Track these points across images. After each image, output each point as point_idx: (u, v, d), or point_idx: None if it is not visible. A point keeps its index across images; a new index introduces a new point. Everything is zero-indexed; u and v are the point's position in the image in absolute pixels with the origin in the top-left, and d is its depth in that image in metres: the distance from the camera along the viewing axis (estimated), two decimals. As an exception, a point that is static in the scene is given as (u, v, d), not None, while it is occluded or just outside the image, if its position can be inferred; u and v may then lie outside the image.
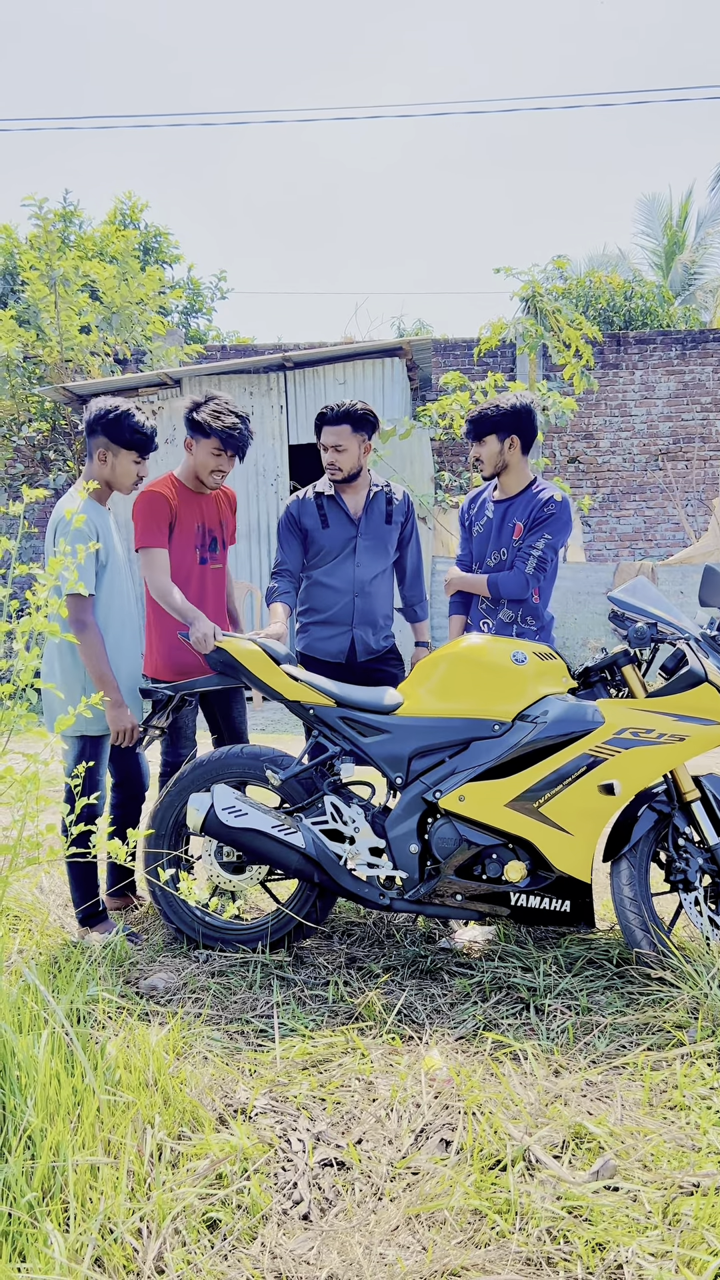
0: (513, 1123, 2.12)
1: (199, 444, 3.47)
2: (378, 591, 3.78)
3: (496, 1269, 1.71)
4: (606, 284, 14.88)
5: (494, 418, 3.59)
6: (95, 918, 3.21)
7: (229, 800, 3.01)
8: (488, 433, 3.62)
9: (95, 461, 3.23)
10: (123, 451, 3.21)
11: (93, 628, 3.08)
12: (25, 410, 11.87)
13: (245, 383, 10.56)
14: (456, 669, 3.10)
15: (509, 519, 3.64)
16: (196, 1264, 1.72)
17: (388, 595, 3.85)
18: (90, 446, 3.24)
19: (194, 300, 18.90)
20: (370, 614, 3.74)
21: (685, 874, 2.93)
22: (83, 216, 17.85)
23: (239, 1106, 2.21)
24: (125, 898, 3.56)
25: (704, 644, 3.00)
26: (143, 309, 12.67)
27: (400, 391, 10.50)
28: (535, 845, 2.92)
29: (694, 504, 12.64)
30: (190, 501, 3.54)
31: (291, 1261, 1.75)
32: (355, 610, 3.71)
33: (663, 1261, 1.70)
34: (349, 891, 3.03)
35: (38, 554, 12.33)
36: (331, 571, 3.72)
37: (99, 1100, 1.99)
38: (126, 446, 3.20)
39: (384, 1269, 1.72)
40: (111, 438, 3.18)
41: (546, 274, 10.31)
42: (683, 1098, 2.21)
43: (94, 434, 3.20)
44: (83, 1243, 1.71)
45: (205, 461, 3.47)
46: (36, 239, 12.02)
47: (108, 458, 3.21)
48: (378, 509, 3.75)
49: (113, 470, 3.23)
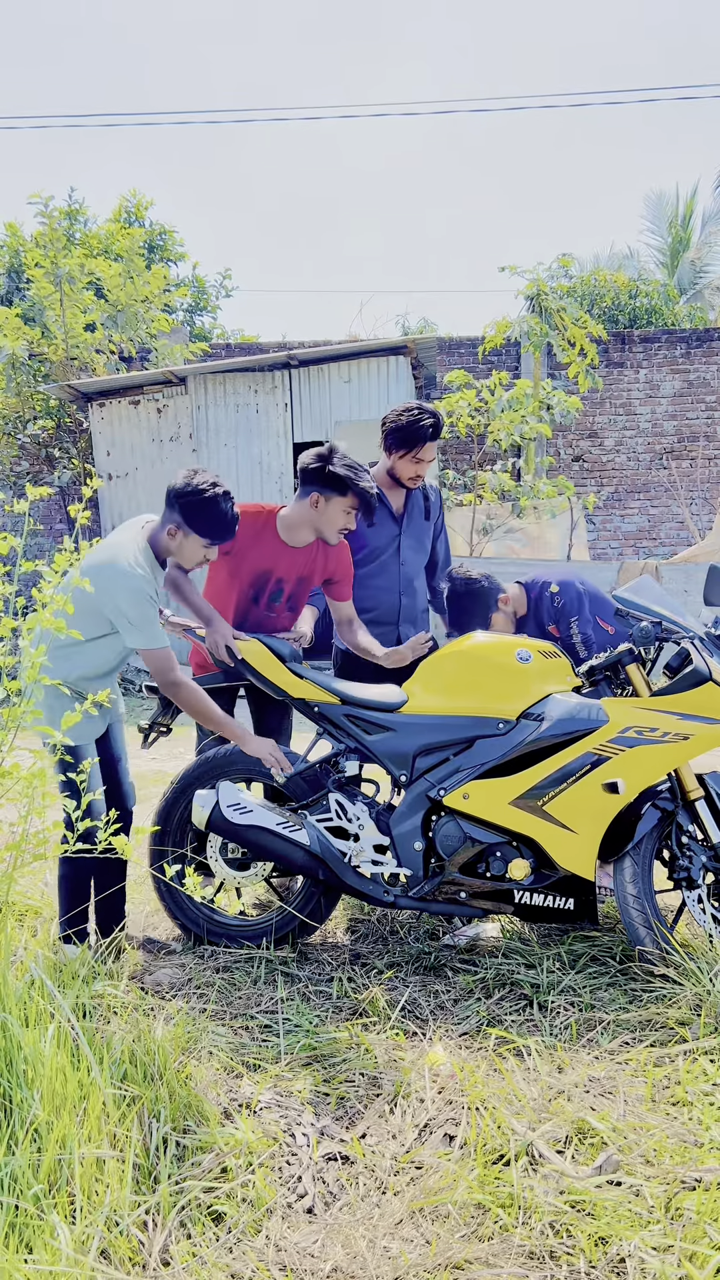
0: (516, 1118, 2.13)
1: (330, 500, 3.21)
2: (420, 588, 3.82)
3: (500, 1263, 1.72)
4: (611, 282, 14.86)
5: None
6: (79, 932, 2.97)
7: (234, 797, 3.02)
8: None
9: (164, 534, 2.91)
10: (194, 535, 2.91)
11: (186, 683, 2.89)
12: (30, 408, 11.88)
13: (250, 380, 10.57)
14: (461, 667, 3.11)
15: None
16: (202, 1256, 1.73)
17: (424, 590, 3.88)
18: (165, 515, 2.94)
19: (199, 298, 18.90)
20: (413, 610, 3.77)
21: (688, 871, 2.94)
22: (88, 214, 17.85)
23: (244, 1101, 2.22)
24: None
25: (708, 643, 3.01)
26: (148, 307, 12.68)
27: (405, 390, 10.50)
28: (539, 843, 2.93)
29: (698, 503, 12.62)
30: (270, 547, 3.31)
31: (296, 1254, 1.76)
32: (401, 608, 3.72)
33: (665, 1256, 1.71)
34: (353, 888, 3.04)
35: (41, 551, 12.36)
36: (378, 570, 3.67)
37: (105, 1094, 2.00)
38: (200, 534, 2.91)
39: (388, 1262, 1.74)
40: (187, 519, 2.88)
41: (551, 272, 10.30)
42: (685, 1094, 2.22)
43: (171, 505, 2.89)
44: (89, 1235, 1.72)
45: (336, 519, 3.23)
46: (42, 236, 12.03)
47: (177, 535, 2.90)
48: (417, 505, 3.76)
49: (179, 549, 2.93)
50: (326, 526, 3.27)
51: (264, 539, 3.32)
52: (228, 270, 21.29)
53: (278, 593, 3.41)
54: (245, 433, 10.66)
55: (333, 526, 3.26)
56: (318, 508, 3.24)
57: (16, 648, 2.37)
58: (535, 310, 10.30)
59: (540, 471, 11.00)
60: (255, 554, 3.32)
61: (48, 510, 12.50)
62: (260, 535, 3.31)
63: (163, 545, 2.95)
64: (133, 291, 12.45)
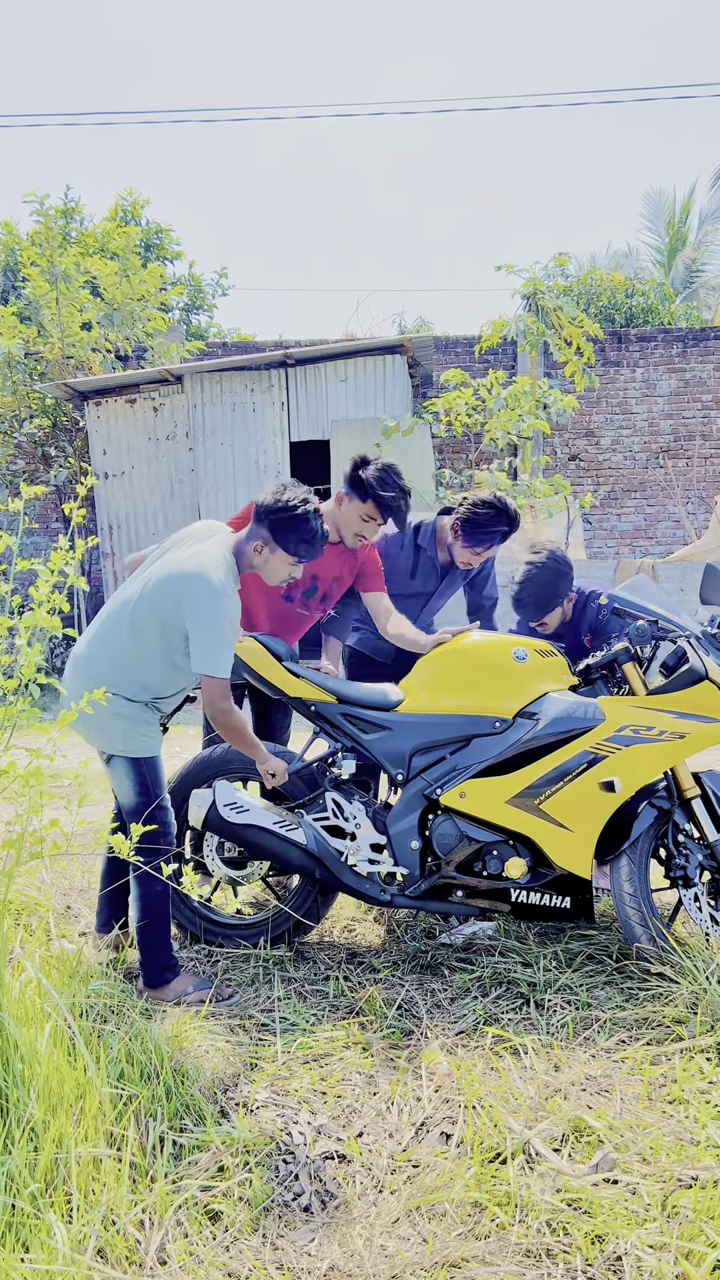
0: (513, 1116, 2.13)
1: (351, 502, 3.30)
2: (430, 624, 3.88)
3: (496, 1261, 1.72)
4: (608, 281, 14.87)
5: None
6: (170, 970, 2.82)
7: (231, 796, 3.02)
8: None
9: (251, 548, 2.81)
10: (281, 552, 2.81)
11: (233, 710, 2.77)
12: (26, 407, 11.86)
13: (247, 379, 10.56)
14: (458, 666, 3.11)
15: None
16: (199, 1255, 1.73)
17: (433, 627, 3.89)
18: (252, 530, 2.83)
19: (195, 297, 18.89)
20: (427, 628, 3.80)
21: (685, 870, 2.95)
22: (84, 213, 17.85)
23: (241, 1100, 2.22)
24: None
25: (704, 641, 3.01)
26: (144, 305, 12.66)
27: (401, 388, 10.50)
28: (536, 842, 2.93)
29: (695, 502, 12.64)
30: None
31: (293, 1253, 1.76)
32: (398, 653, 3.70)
33: (661, 1253, 1.71)
34: (350, 887, 3.04)
35: (38, 550, 12.34)
36: (401, 602, 3.66)
37: (102, 1093, 2.00)
38: (289, 551, 2.81)
39: (385, 1260, 1.74)
40: (276, 536, 2.78)
41: (548, 271, 10.30)
42: (681, 1092, 2.23)
43: (260, 521, 2.80)
44: (85, 1234, 1.72)
45: (351, 522, 3.31)
46: (38, 235, 12.01)
47: (264, 551, 2.81)
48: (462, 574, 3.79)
49: (265, 565, 2.84)
50: (344, 527, 3.34)
51: None
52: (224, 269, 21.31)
53: (311, 589, 3.45)
54: (242, 431, 10.66)
55: (349, 529, 3.33)
56: (340, 506, 3.34)
57: (13, 646, 2.37)
58: (532, 309, 10.30)
59: (537, 470, 10.99)
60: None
61: (44, 509, 12.49)
62: None
63: (247, 560, 2.83)
64: (129, 290, 12.43)
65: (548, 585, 3.43)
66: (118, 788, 2.81)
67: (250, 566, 2.85)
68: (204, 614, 2.63)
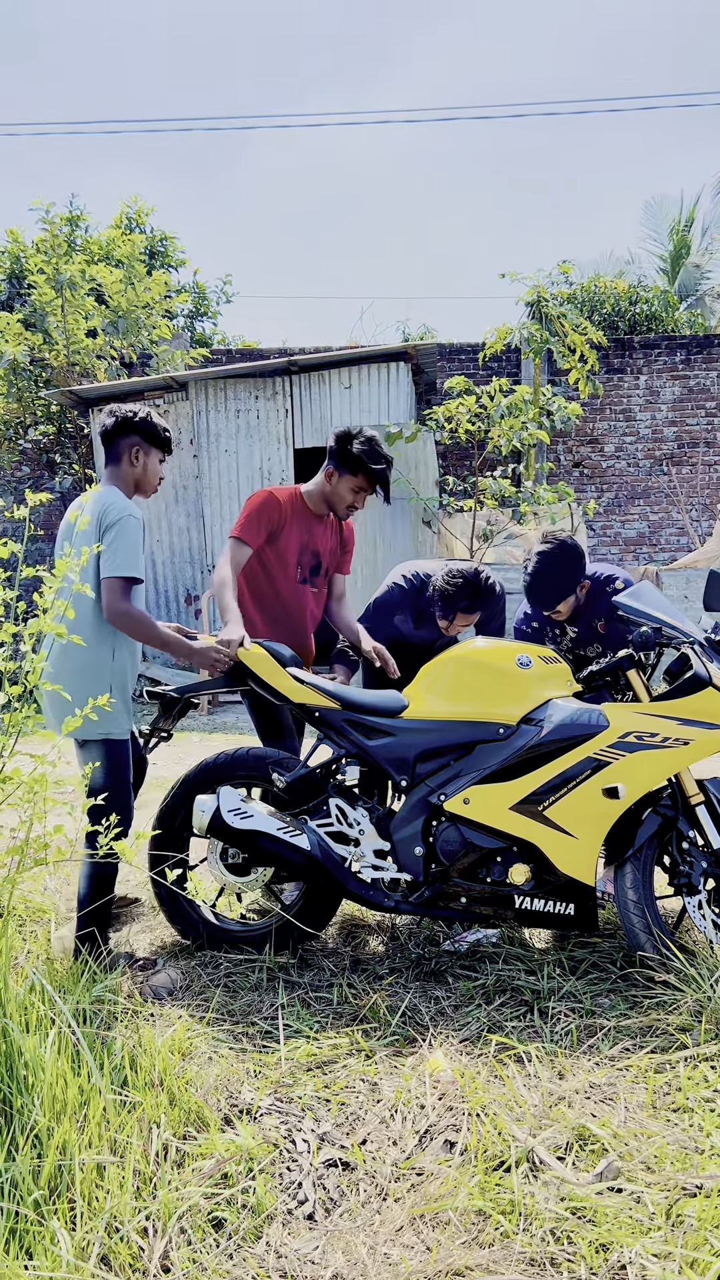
0: (517, 1124, 2.12)
1: (342, 477, 3.42)
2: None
3: (500, 1269, 1.72)
4: (611, 289, 14.89)
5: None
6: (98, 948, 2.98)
7: (234, 802, 3.02)
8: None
9: (125, 463, 3.18)
10: (154, 450, 3.22)
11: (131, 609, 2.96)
12: (31, 413, 11.91)
13: (251, 386, 10.59)
14: (462, 672, 3.11)
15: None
16: (202, 1263, 1.73)
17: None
18: (120, 448, 3.18)
19: (200, 304, 18.93)
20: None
21: (689, 877, 2.94)
22: (89, 220, 17.87)
23: (244, 1107, 2.22)
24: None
25: (708, 648, 3.01)
26: (149, 313, 12.71)
27: (405, 396, 10.52)
28: (540, 848, 2.93)
29: (698, 509, 12.63)
30: (304, 520, 3.50)
31: (296, 1261, 1.76)
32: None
33: (666, 1263, 1.71)
34: (354, 894, 3.04)
35: (43, 557, 12.36)
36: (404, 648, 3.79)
37: (105, 1100, 2.00)
38: (158, 446, 3.22)
39: (388, 1269, 1.73)
40: (145, 437, 3.18)
41: (551, 279, 10.33)
42: (686, 1100, 2.22)
43: (126, 434, 3.16)
44: (89, 1241, 1.72)
45: (344, 496, 3.44)
46: (43, 243, 12.07)
47: (140, 457, 3.19)
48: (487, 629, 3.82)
49: (144, 469, 3.21)
50: (336, 501, 3.47)
51: (299, 514, 3.49)
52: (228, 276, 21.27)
53: (316, 566, 3.57)
54: (246, 438, 10.68)
55: (341, 502, 3.47)
56: (330, 481, 3.45)
57: (17, 653, 2.37)
58: (535, 317, 10.33)
59: (540, 477, 11.00)
60: (297, 530, 3.48)
61: (49, 516, 12.51)
62: (296, 512, 3.48)
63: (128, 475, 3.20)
64: (134, 297, 12.48)
65: (560, 574, 3.45)
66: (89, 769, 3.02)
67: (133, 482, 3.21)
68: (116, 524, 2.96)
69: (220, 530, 10.83)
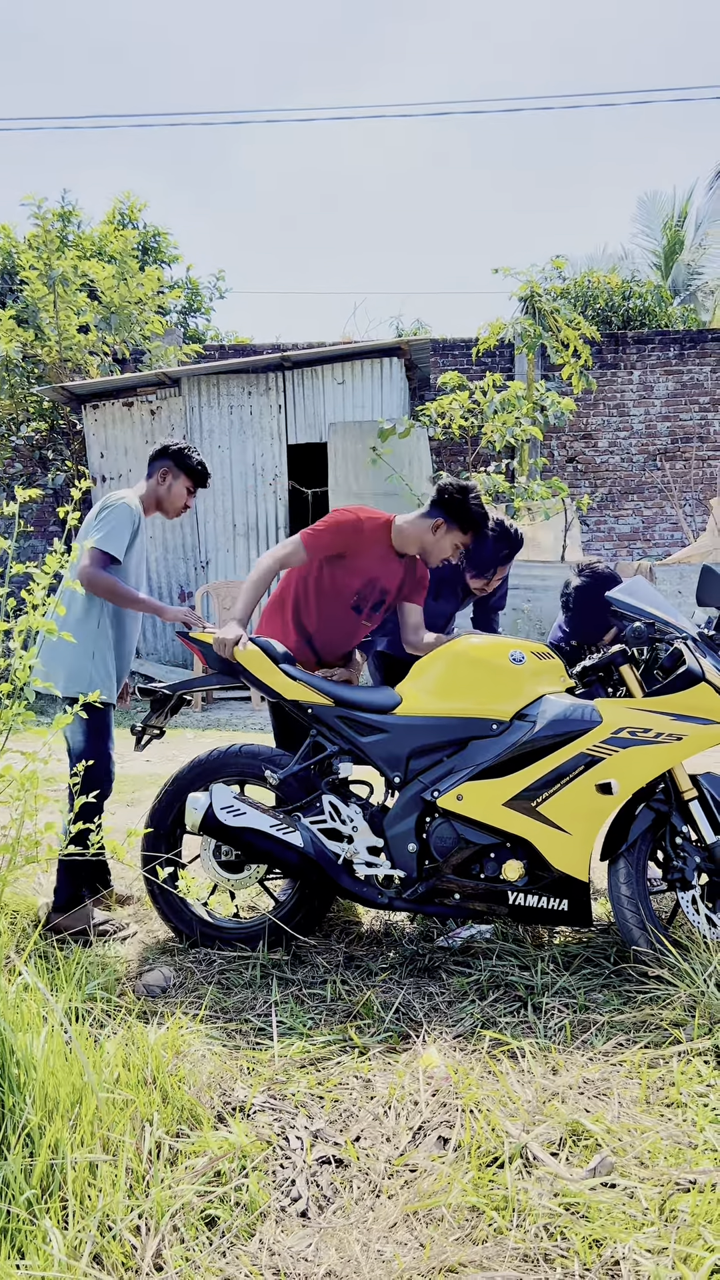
0: (510, 1120, 2.12)
1: (450, 531, 3.34)
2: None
3: (494, 1266, 1.71)
4: (605, 284, 14.88)
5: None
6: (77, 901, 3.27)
7: (227, 799, 3.01)
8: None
9: (154, 481, 3.52)
10: (183, 476, 3.51)
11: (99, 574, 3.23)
12: (24, 410, 11.86)
13: (244, 382, 10.57)
14: (455, 668, 3.11)
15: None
16: (195, 1261, 1.72)
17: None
18: (153, 468, 3.53)
19: (192, 300, 18.88)
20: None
21: (682, 872, 2.94)
22: (81, 216, 17.82)
23: (237, 1104, 2.21)
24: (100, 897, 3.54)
25: (701, 643, 3.01)
26: (141, 308, 12.68)
27: (399, 391, 10.51)
28: (533, 844, 2.93)
29: (692, 504, 12.65)
30: (382, 554, 3.39)
31: (290, 1258, 1.75)
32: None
33: (659, 1258, 1.71)
34: (347, 890, 3.03)
35: (35, 554, 12.33)
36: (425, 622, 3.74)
37: (97, 1098, 1.99)
38: (187, 473, 3.51)
39: (382, 1266, 1.73)
40: (177, 463, 3.51)
41: (545, 274, 10.32)
42: (679, 1095, 2.22)
43: (161, 458, 3.53)
44: (81, 1240, 1.71)
45: (446, 549, 3.37)
46: (35, 238, 12.03)
47: (167, 478, 3.51)
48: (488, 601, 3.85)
49: (169, 490, 3.52)
50: (435, 552, 3.39)
51: (379, 547, 3.37)
52: (221, 272, 21.20)
53: (379, 602, 3.46)
54: (239, 434, 10.66)
55: (440, 554, 3.40)
56: (436, 534, 3.34)
57: (8, 650, 2.36)
58: (529, 312, 10.32)
59: (534, 473, 11.00)
60: (370, 560, 3.37)
61: (42, 513, 12.48)
62: (377, 543, 3.37)
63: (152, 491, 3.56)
64: (126, 293, 12.45)
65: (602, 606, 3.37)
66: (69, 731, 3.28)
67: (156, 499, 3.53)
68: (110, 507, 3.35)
69: (213, 527, 10.81)
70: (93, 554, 3.23)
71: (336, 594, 3.38)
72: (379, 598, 3.43)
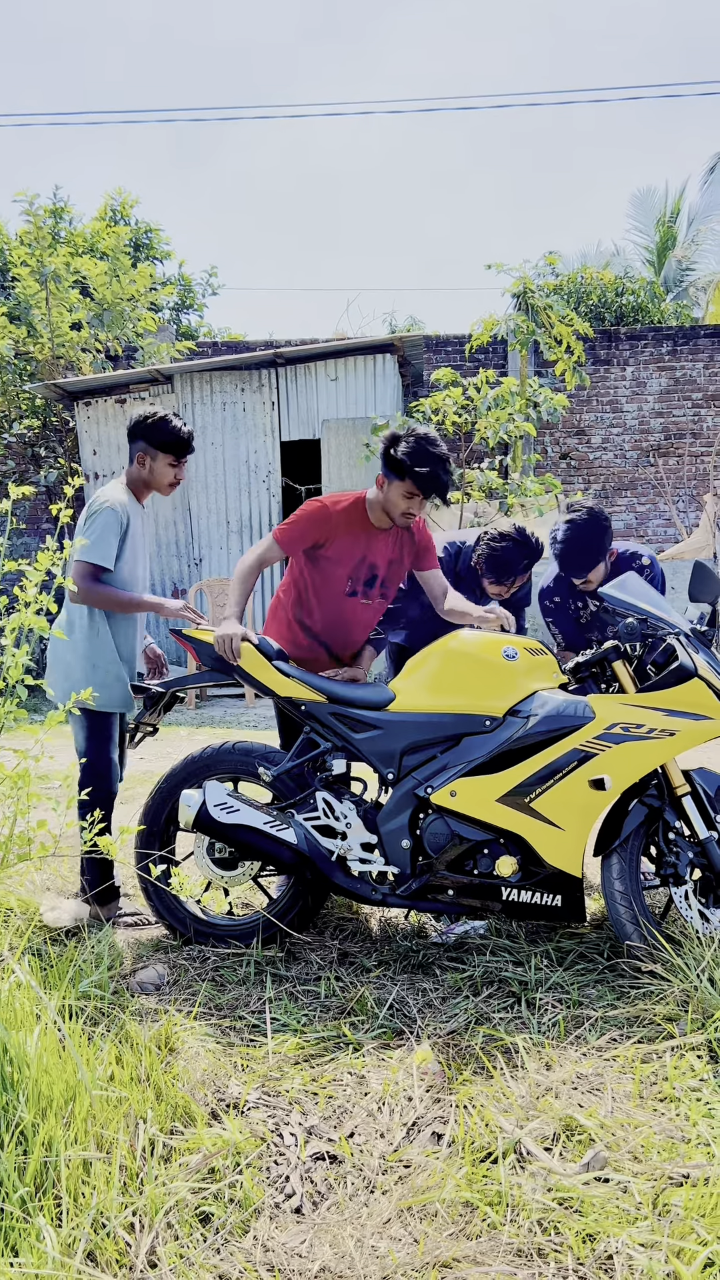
0: (504, 1116, 2.13)
1: (390, 483, 3.23)
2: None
3: (488, 1260, 1.72)
4: (598, 280, 14.89)
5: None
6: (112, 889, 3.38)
7: (221, 796, 3.01)
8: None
9: (135, 465, 3.37)
10: (160, 454, 3.33)
11: (94, 587, 3.19)
12: (16, 407, 11.83)
13: (237, 379, 10.55)
14: (448, 664, 3.11)
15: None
16: (189, 1257, 1.72)
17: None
18: (131, 451, 3.38)
19: (185, 296, 18.85)
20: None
21: (675, 868, 2.95)
22: (73, 212, 17.76)
23: (231, 1101, 2.21)
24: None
25: (694, 639, 3.02)
26: (134, 305, 12.65)
27: (392, 388, 10.50)
28: (526, 840, 2.93)
29: (685, 500, 12.67)
30: (361, 532, 3.33)
31: (284, 1254, 1.75)
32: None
33: (652, 1252, 1.71)
34: (341, 887, 3.03)
35: (27, 551, 12.30)
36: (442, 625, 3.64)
37: (91, 1096, 1.99)
38: (163, 449, 3.33)
39: (376, 1261, 1.73)
40: (149, 441, 3.31)
41: (538, 270, 10.31)
42: (672, 1090, 2.23)
43: (134, 440, 3.35)
44: (75, 1237, 1.71)
45: (396, 503, 3.23)
46: (27, 235, 12.00)
47: (146, 460, 3.35)
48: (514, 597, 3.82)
49: (150, 472, 3.36)
50: (391, 509, 3.28)
51: (356, 526, 3.33)
52: (214, 268, 21.12)
53: (372, 579, 3.41)
54: (232, 431, 10.64)
55: (395, 510, 3.27)
56: (382, 489, 3.29)
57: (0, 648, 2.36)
58: (522, 308, 10.31)
59: (527, 469, 11.01)
60: (350, 541, 3.33)
61: (34, 510, 12.45)
62: (353, 523, 3.33)
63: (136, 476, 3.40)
64: (119, 290, 12.42)
65: (593, 540, 3.48)
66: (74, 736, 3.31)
67: (143, 483, 3.39)
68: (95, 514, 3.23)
69: (207, 524, 10.79)
70: (81, 569, 3.17)
71: (329, 585, 3.37)
72: (369, 574, 3.39)
